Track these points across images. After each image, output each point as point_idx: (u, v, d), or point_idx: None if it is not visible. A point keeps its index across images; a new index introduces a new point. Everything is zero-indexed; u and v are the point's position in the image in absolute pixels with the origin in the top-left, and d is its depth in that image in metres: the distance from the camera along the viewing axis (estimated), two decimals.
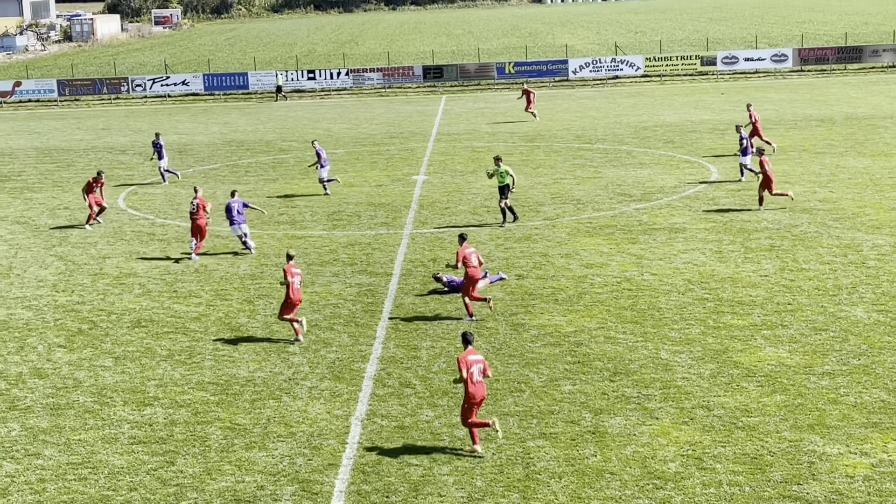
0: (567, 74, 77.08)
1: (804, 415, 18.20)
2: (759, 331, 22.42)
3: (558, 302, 25.00)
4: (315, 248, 31.16)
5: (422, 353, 22.03)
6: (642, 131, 51.31)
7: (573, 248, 29.75)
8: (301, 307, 25.21)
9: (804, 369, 20.19)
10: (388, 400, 19.66)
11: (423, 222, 33.88)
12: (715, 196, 35.71)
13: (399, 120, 60.23)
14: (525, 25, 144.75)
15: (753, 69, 76.25)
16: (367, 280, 27.61)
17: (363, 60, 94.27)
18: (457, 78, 77.67)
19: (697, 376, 20.10)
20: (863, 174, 38.34)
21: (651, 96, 66.16)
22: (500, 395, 19.57)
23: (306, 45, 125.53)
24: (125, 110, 72.39)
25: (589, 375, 20.39)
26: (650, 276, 26.73)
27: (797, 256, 27.93)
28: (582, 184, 38.88)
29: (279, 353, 22.35)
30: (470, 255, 23.87)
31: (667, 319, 23.41)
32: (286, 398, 19.96)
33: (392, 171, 43.30)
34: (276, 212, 36.21)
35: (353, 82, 77.67)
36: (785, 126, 50.90)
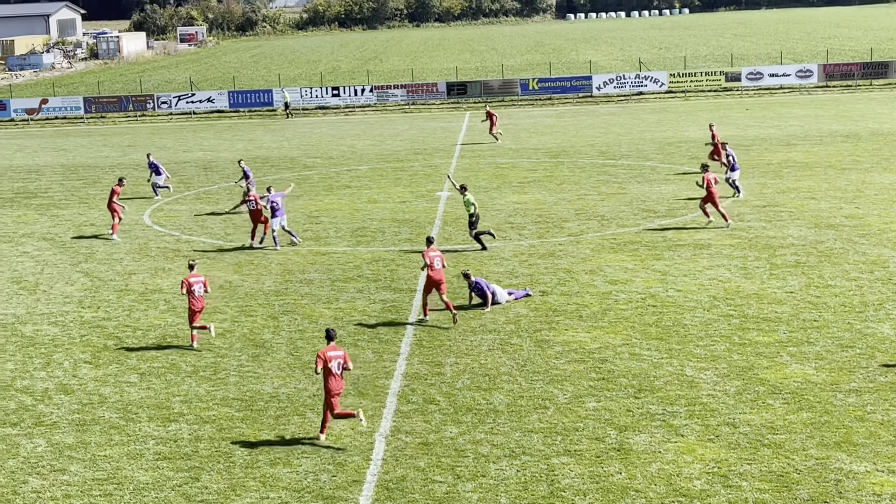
0: (591, 90, 77.04)
1: (831, 432, 18.08)
2: (785, 347, 22.30)
3: (583, 318, 24.95)
4: (339, 264, 31.22)
5: (446, 369, 22.01)
6: (667, 147, 51.21)
7: (597, 265, 29.69)
8: (326, 322, 25.30)
9: (830, 386, 20.07)
10: (412, 416, 19.65)
11: (447, 238, 33.89)
12: (740, 212, 35.57)
13: (423, 136, 60.34)
14: (549, 42, 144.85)
15: (778, 85, 76.00)
16: (392, 296, 27.63)
17: (387, 77, 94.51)
18: (480, 94, 77.75)
19: (723, 393, 20.00)
20: (889, 190, 38.13)
21: (675, 112, 66.04)
22: (524, 412, 19.53)
23: (330, 61, 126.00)
24: (151, 127, 72.82)
25: (614, 392, 20.32)
26: (675, 293, 26.64)
27: (823, 273, 27.78)
28: (606, 200, 38.82)
29: (303, 370, 22.38)
30: (434, 258, 25.03)
31: (692, 336, 23.32)
32: (310, 414, 19.97)
33: (416, 188, 43.37)
34: (301, 228, 36.28)
35: (376, 99, 77.87)
36: (810, 142, 50.70)
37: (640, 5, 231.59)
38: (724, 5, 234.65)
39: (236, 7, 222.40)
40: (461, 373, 21.75)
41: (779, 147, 49.58)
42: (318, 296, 27.97)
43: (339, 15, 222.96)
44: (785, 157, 46.44)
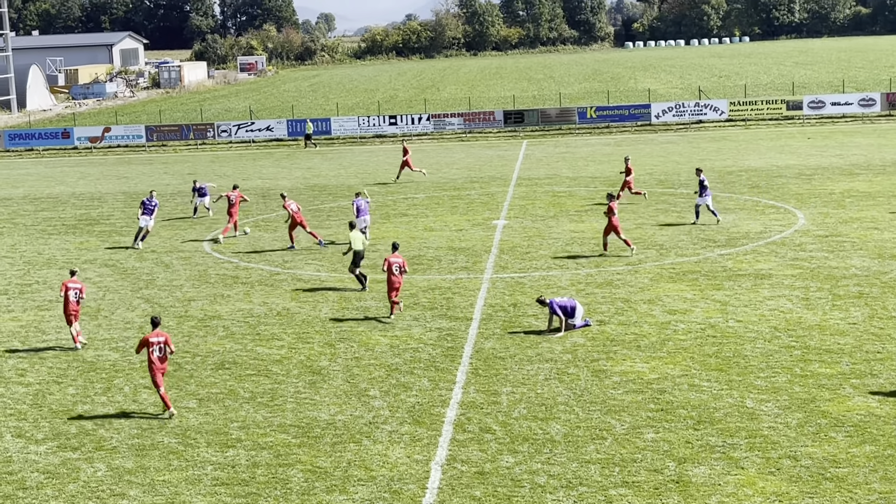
0: (650, 119, 76.75)
1: (895, 466, 17.73)
2: (848, 379, 21.94)
3: (641, 348, 24.73)
4: None
5: (502, 398, 21.90)
6: (727, 176, 50.81)
7: (656, 294, 29.46)
8: (381, 351, 25.32)
9: (894, 419, 19.69)
10: (468, 445, 19.56)
11: (504, 267, 33.82)
12: (802, 242, 35.17)
13: (479, 164, 60.40)
14: (606, 70, 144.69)
15: (840, 113, 75.23)
16: (448, 324, 27.59)
17: (444, 105, 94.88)
18: (538, 122, 77.74)
19: (784, 425, 19.70)
20: None
21: (735, 141, 65.56)
22: (581, 443, 19.36)
23: (388, 90, 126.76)
24: (211, 155, 73.61)
25: (672, 423, 20.09)
26: (735, 323, 26.34)
27: (887, 304, 27.34)
28: (665, 229, 38.56)
29: (360, 397, 22.38)
30: (393, 263, 28.03)
31: (752, 367, 23.02)
32: (367, 442, 19.95)
33: (472, 216, 43.37)
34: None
35: (433, 127, 78.15)
36: (873, 171, 50.07)
37: (700, 34, 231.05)
38: (785, 34, 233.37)
39: (295, 37, 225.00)
40: (517, 402, 21.63)
41: (841, 176, 49.01)
42: (374, 323, 28.00)
43: (396, 44, 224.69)
44: (847, 187, 45.88)
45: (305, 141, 74.43)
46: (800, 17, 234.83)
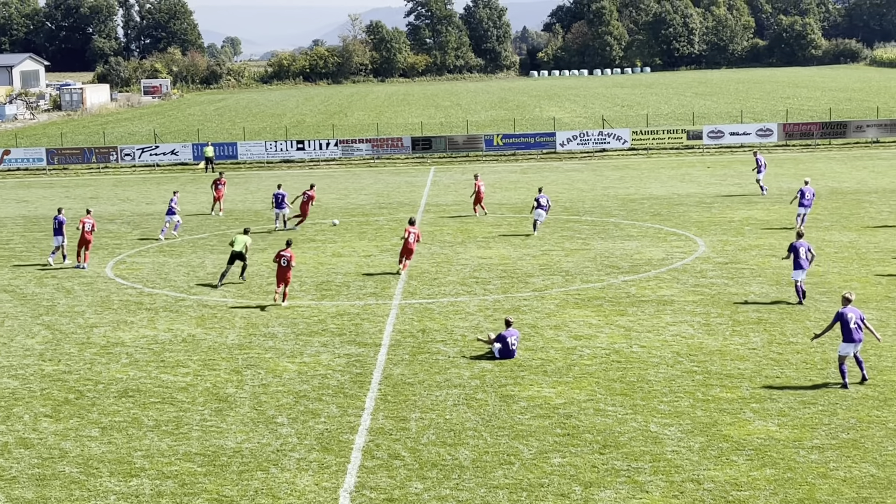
0: (555, 147, 77.69)
1: (794, 489, 18.16)
2: (748, 404, 22.42)
3: (547, 374, 24.99)
4: (304, 318, 31.14)
5: (411, 424, 21.95)
6: (629, 204, 51.64)
7: (562, 320, 29.80)
8: (289, 378, 25.22)
9: (793, 443, 20.17)
10: (377, 472, 19.55)
11: (413, 293, 33.92)
12: (703, 269, 35.87)
13: (388, 191, 60.53)
14: (512, 98, 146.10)
15: (739, 143, 76.95)
16: (356, 350, 27.57)
17: (352, 131, 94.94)
18: (445, 149, 78.20)
19: (687, 449, 20.06)
20: (848, 248, 38.60)
21: (638, 169, 66.68)
22: (489, 468, 19.48)
23: (295, 115, 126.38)
24: (114, 179, 72.61)
25: (578, 448, 20.33)
26: (639, 349, 26.76)
27: (785, 329, 28.01)
28: (570, 255, 39.05)
29: (267, 424, 22.24)
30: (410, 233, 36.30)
31: (656, 392, 23.41)
32: (274, 469, 19.83)
33: (381, 242, 43.42)
34: (265, 281, 36.22)
35: (342, 153, 78.12)
36: (771, 200, 51.29)
37: (602, 64, 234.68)
38: (685, 65, 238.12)
39: (201, 60, 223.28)
40: (426, 428, 21.69)
41: (740, 205, 50.13)
42: (282, 350, 27.87)
43: (303, 69, 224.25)
44: (746, 215, 46.94)
45: (206, 165, 73.81)
46: (699, 49, 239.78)
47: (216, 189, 53.22)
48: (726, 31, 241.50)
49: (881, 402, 22.16)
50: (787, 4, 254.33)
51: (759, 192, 53.33)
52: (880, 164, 64.11)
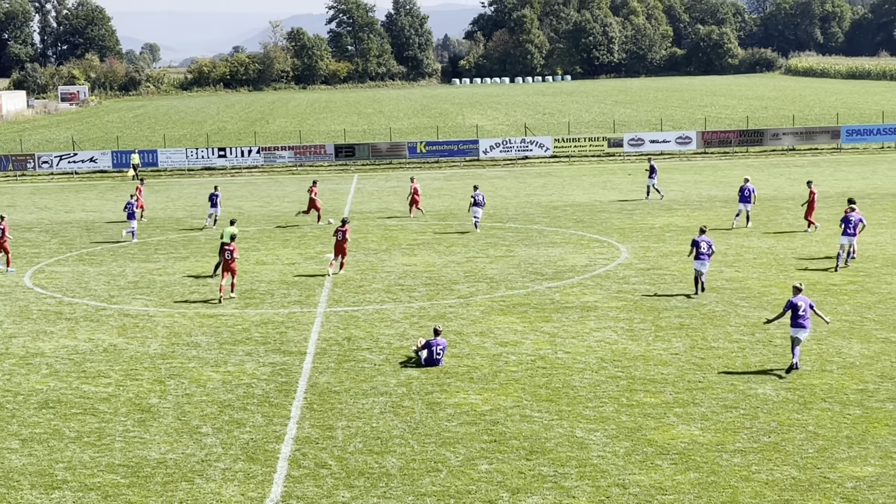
0: (478, 154, 78.00)
1: (717, 492, 18.41)
2: (672, 408, 22.69)
3: (474, 380, 25.05)
4: (227, 326, 30.87)
5: (337, 432, 21.86)
6: (553, 210, 52.02)
7: (487, 327, 29.91)
8: (213, 387, 24.97)
9: (716, 447, 20.45)
10: (304, 481, 19.44)
11: (337, 301, 33.81)
12: (625, 275, 36.24)
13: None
14: (435, 106, 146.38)
15: (659, 151, 77.92)
16: (281, 359, 27.40)
17: (274, 138, 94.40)
18: (369, 157, 78.11)
19: (612, 454, 20.24)
20: (767, 254, 39.25)
21: (560, 176, 67.19)
22: (416, 476, 19.47)
23: (216, 122, 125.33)
24: (31, 187, 71.37)
25: (505, 454, 20.41)
26: (564, 355, 26.95)
27: (706, 335, 28.40)
28: (495, 262, 39.21)
29: (191, 434, 22.00)
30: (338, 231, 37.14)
31: (581, 398, 23.59)
32: (199, 480, 19.62)
33: (305, 249, 43.22)
34: (188, 290, 35.87)
35: (264, 160, 77.64)
36: (691, 207, 52.00)
37: (524, 72, 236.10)
38: (605, 73, 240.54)
39: (119, 67, 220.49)
40: (353, 436, 21.63)
41: (660, 211, 50.75)
42: (205, 359, 27.60)
43: (223, 76, 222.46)
44: (667, 222, 47.53)
45: (135, 171, 72.98)
46: (619, 58, 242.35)
47: None
48: (645, 40, 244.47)
49: (801, 406, 22.56)
50: (705, 14, 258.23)
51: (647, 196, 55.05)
52: (796, 171, 65.33)
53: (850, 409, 22.27)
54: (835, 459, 19.62)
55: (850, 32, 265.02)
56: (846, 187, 56.78)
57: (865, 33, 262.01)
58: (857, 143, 78.76)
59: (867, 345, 26.91)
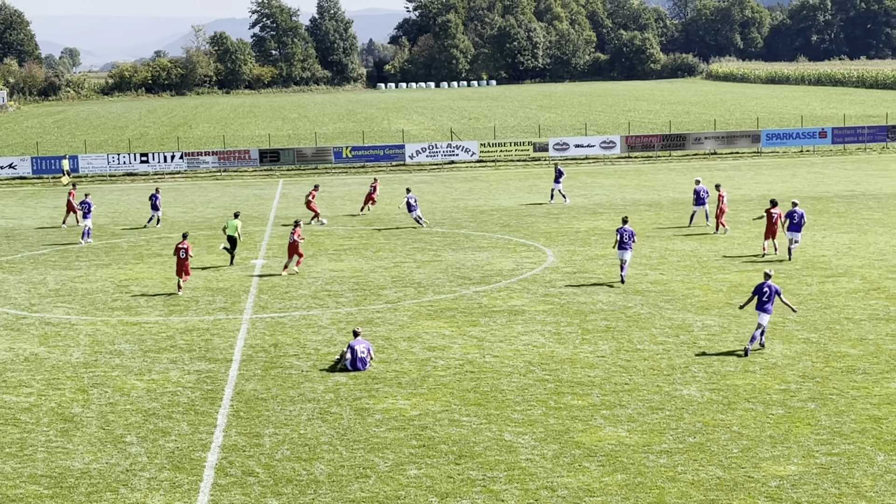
0: (404, 159, 77.98)
1: (644, 493, 18.57)
2: (599, 411, 22.86)
3: (402, 385, 25.02)
4: (151, 334, 30.49)
5: (264, 440, 21.69)
6: (479, 215, 52.16)
7: (415, 332, 29.89)
8: (138, 396, 24.65)
9: (643, 448, 20.64)
10: (231, 489, 19.26)
11: (263, 307, 33.56)
12: (552, 279, 36.45)
13: (236, 204, 59.75)
14: (360, 110, 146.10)
15: (584, 155, 78.51)
16: (207, 367, 27.12)
17: (197, 144, 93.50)
18: (294, 162, 77.69)
19: (541, 457, 20.33)
20: (690, 257, 39.72)
21: (486, 181, 67.41)
22: (345, 482, 19.39)
23: (138, 127, 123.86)
24: None
25: (434, 459, 20.40)
26: (492, 359, 27.02)
27: (632, 337, 28.66)
28: (422, 267, 39.21)
29: (116, 444, 21.69)
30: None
31: (509, 401, 23.66)
32: (124, 490, 19.35)
33: (229, 256, 42.77)
34: (110, 298, 35.37)
35: (187, 166, 76.84)
36: (616, 210, 52.46)
37: (449, 77, 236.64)
38: (530, 78, 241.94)
39: (38, 72, 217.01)
40: (280, 443, 21.47)
41: (586, 215, 51.14)
42: (129, 367, 27.23)
43: (145, 80, 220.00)
44: (592, 225, 47.89)
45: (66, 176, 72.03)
46: (543, 63, 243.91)
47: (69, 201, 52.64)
48: (569, 45, 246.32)
49: (725, 406, 22.86)
50: (627, 20, 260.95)
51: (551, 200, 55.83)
52: (718, 174, 66.18)
53: (772, 408, 22.62)
54: (759, 459, 19.90)
55: (769, 38, 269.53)
56: (766, 190, 57.66)
57: (784, 39, 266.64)
58: (777, 147, 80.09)
59: (789, 345, 27.36)
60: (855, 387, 23.88)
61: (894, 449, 20.14)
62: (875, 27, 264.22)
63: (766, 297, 26.67)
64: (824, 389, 23.78)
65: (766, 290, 26.76)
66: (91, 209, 47.58)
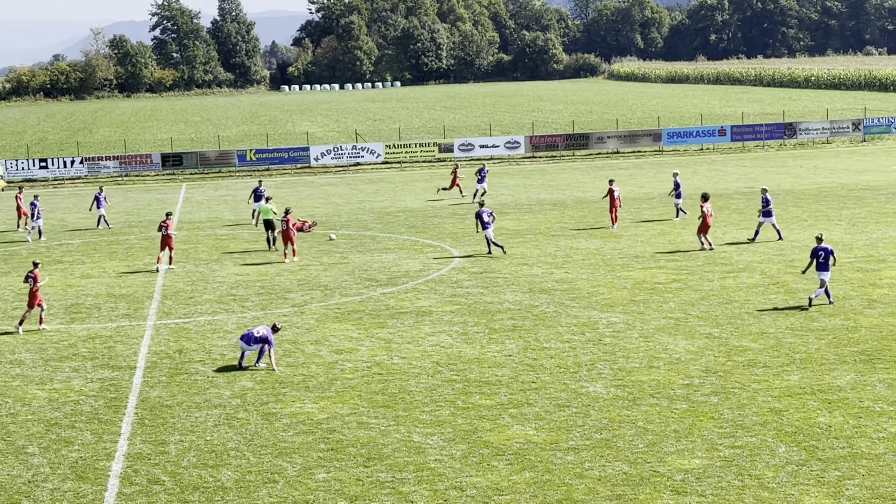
0: (309, 161, 77.61)
1: (552, 490, 18.73)
2: (507, 409, 22.99)
3: (309, 389, 24.89)
4: (53, 342, 29.91)
5: (170, 447, 21.42)
6: (385, 217, 52.12)
7: (322, 335, 29.76)
8: (39, 406, 24.16)
9: (550, 445, 20.81)
10: (136, 498, 18.98)
11: (168, 313, 33.13)
12: (458, 279, 36.57)
13: (138, 209, 58.94)
14: (264, 113, 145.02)
15: (489, 155, 78.90)
16: (110, 374, 26.69)
17: (98, 148, 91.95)
18: (197, 165, 76.83)
19: (449, 457, 20.38)
20: (595, 255, 40.16)
21: (392, 182, 67.41)
22: (253, 488, 19.23)
23: (37, 132, 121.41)
24: None
25: (343, 462, 20.34)
26: (399, 360, 27.02)
27: (538, 335, 28.88)
28: (329, 269, 39.05)
29: (17, 455, 21.23)
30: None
31: (417, 402, 23.68)
32: (26, 502, 18.95)
33: (132, 261, 42.21)
34: (10, 306, 34.62)
35: (88, 171, 75.56)
36: (521, 210, 52.82)
37: (353, 78, 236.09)
38: (434, 79, 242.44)
39: None
40: (186, 450, 21.21)
41: None
42: (30, 377, 26.66)
43: (43, 85, 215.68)
44: (498, 225, 47.95)
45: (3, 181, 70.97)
46: (447, 64, 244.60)
47: None
48: (472, 46, 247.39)
49: (630, 402, 23.15)
50: (530, 20, 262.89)
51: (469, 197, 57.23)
52: (621, 173, 67.04)
53: (677, 403, 22.97)
54: (664, 453, 20.20)
55: (669, 38, 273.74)
56: (668, 188, 58.53)
57: (683, 39, 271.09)
58: (678, 146, 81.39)
59: (692, 341, 27.81)
60: (756, 380, 24.36)
61: (795, 440, 20.59)
62: (771, 26, 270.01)
63: (822, 259, 30.52)
64: (726, 383, 24.22)
65: (821, 253, 30.58)
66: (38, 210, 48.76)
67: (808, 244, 40.11)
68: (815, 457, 19.75)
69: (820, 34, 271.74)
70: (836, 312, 29.97)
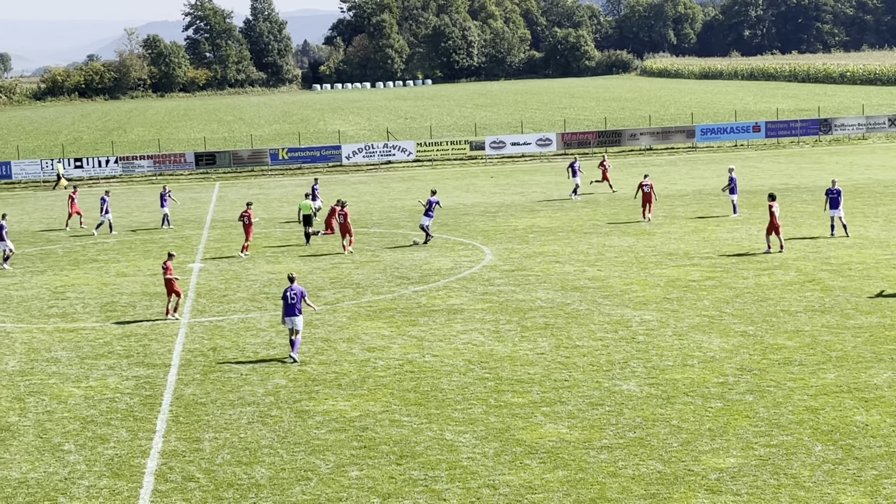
0: (341, 160, 77.79)
1: (586, 489, 18.68)
2: (539, 408, 22.95)
3: (342, 387, 24.96)
4: (88, 340, 30.13)
5: (204, 444, 21.53)
6: (417, 215, 52.12)
7: (354, 332, 29.83)
8: (75, 403, 24.36)
9: (583, 444, 20.76)
10: (171, 495, 19.10)
11: (201, 311, 33.30)
12: (490, 277, 36.55)
13: (172, 207, 59.20)
14: (296, 112, 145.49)
15: (520, 153, 78.82)
16: (145, 372, 26.87)
17: (132, 148, 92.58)
18: (230, 164, 77.19)
19: (482, 455, 20.37)
20: (628, 252, 40.03)
21: (423, 180, 67.43)
22: (286, 485, 19.30)
23: (72, 132, 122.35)
24: None
25: (376, 460, 20.37)
26: (431, 358, 27.04)
27: (571, 333, 28.82)
28: (360, 268, 39.13)
29: (53, 452, 21.41)
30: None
31: (450, 400, 23.69)
32: (62, 499, 19.10)
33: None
34: (46, 304, 34.91)
35: (122, 170, 76.09)
36: (553, 208, 52.72)
37: (384, 76, 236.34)
38: (465, 77, 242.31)
39: None
40: (220, 448, 21.32)
41: (523, 213, 51.33)
42: (66, 374, 26.89)
43: (78, 85, 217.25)
44: (530, 223, 48.09)
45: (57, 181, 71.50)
46: (478, 61, 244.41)
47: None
48: (504, 43, 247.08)
49: (664, 401, 23.06)
50: (561, 17, 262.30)
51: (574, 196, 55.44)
52: (654, 170, 66.77)
53: (711, 402, 22.86)
54: (698, 452, 20.10)
55: (702, 34, 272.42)
56: (702, 185, 58.30)
57: (717, 34, 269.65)
58: (712, 142, 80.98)
59: (726, 339, 27.67)
60: (792, 378, 24.21)
61: (831, 439, 20.45)
62: (806, 22, 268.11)
63: (834, 196, 39.44)
64: (762, 382, 24.08)
65: (833, 193, 39.73)
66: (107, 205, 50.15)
67: (844, 244, 39.85)
68: (851, 455, 19.60)
69: (855, 29, 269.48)
70: (873, 310, 29.75)
